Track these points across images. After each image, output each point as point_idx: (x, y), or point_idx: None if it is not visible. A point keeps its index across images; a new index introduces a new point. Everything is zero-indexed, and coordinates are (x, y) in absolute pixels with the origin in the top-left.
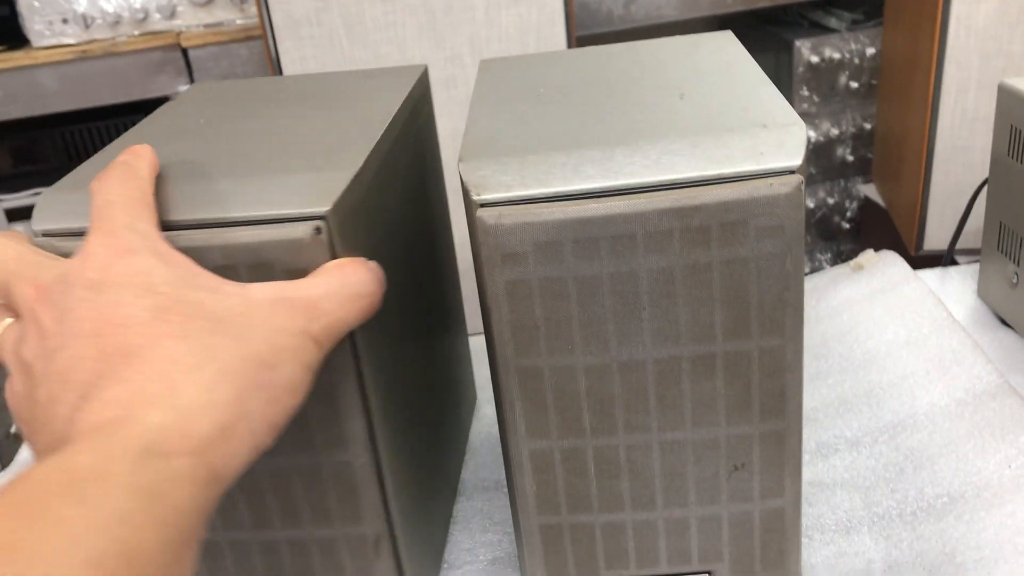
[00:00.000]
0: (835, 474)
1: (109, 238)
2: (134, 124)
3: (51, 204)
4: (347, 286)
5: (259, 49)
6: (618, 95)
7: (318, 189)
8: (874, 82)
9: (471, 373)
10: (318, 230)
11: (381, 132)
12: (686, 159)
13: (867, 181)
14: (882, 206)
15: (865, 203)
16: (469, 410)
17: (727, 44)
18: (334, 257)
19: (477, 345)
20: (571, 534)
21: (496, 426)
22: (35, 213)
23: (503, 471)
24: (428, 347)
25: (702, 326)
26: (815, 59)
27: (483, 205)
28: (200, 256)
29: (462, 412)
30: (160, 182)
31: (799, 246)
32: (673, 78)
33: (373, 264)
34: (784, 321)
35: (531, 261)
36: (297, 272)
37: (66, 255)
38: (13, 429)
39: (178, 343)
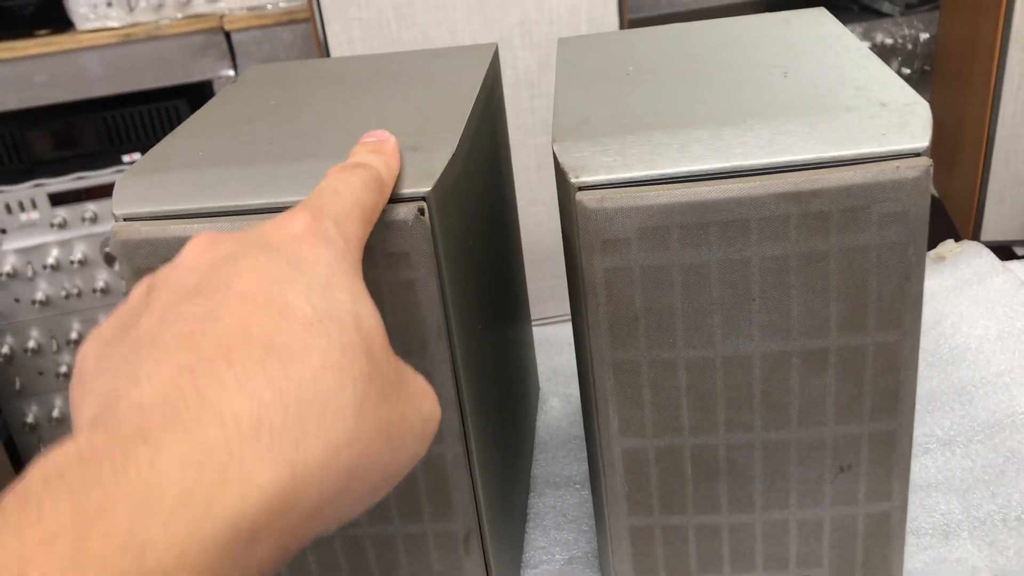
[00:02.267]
0: (928, 475)
1: (313, 220)
2: (176, 108)
3: (130, 188)
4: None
5: (302, 32)
6: (714, 74)
7: (418, 169)
8: (927, 68)
9: (536, 364)
10: (421, 211)
11: (469, 111)
12: (803, 140)
13: None
14: (935, 195)
15: None
16: (535, 403)
17: (823, 20)
18: (434, 239)
19: (539, 335)
20: (663, 536)
21: (563, 419)
22: (115, 199)
23: (573, 466)
24: (504, 337)
25: (815, 319)
26: (867, 44)
27: (582, 188)
28: None
29: (530, 405)
30: (247, 163)
31: (923, 235)
32: (770, 55)
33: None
34: (903, 315)
35: (633, 247)
36: (397, 256)
37: (153, 241)
38: (30, 419)
39: (327, 371)
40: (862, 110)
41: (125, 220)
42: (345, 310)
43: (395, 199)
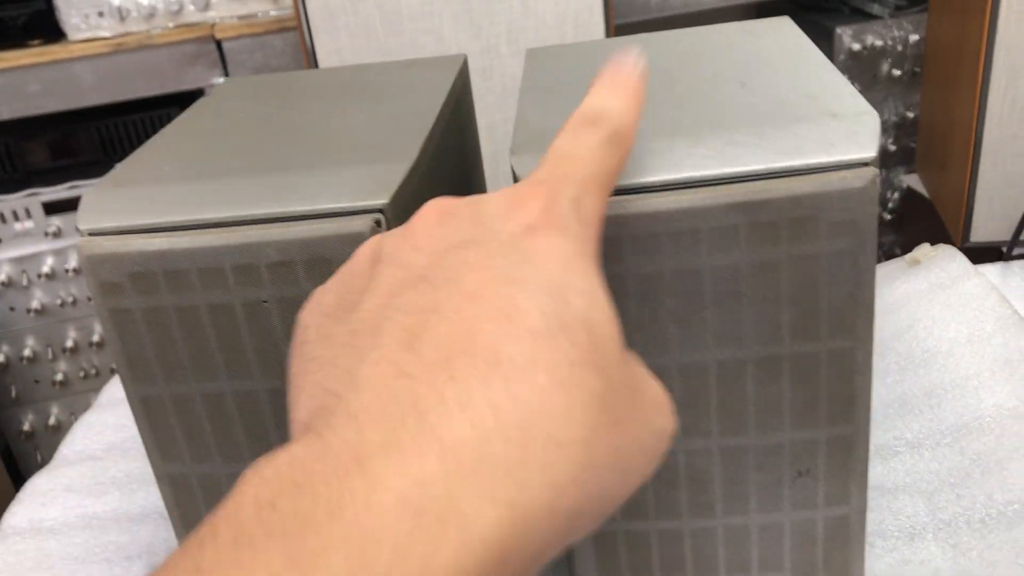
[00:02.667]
0: (896, 478)
1: (550, 202)
2: (169, 117)
3: (97, 203)
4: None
5: (293, 40)
6: (675, 84)
7: (375, 181)
8: (917, 70)
9: None
10: (378, 223)
11: (431, 123)
12: (752, 150)
13: (910, 171)
14: (926, 196)
15: (908, 193)
16: None
17: (786, 30)
18: None
19: None
20: (626, 541)
21: None
22: (80, 213)
23: None
24: None
25: (768, 327)
26: (856, 46)
27: None
28: (256, 252)
29: None
30: (212, 177)
31: (872, 243)
32: (732, 66)
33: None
34: (855, 322)
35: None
36: None
37: (118, 255)
38: (26, 427)
39: (554, 392)
40: (813, 120)
41: (90, 235)
42: (578, 317)
43: (352, 212)
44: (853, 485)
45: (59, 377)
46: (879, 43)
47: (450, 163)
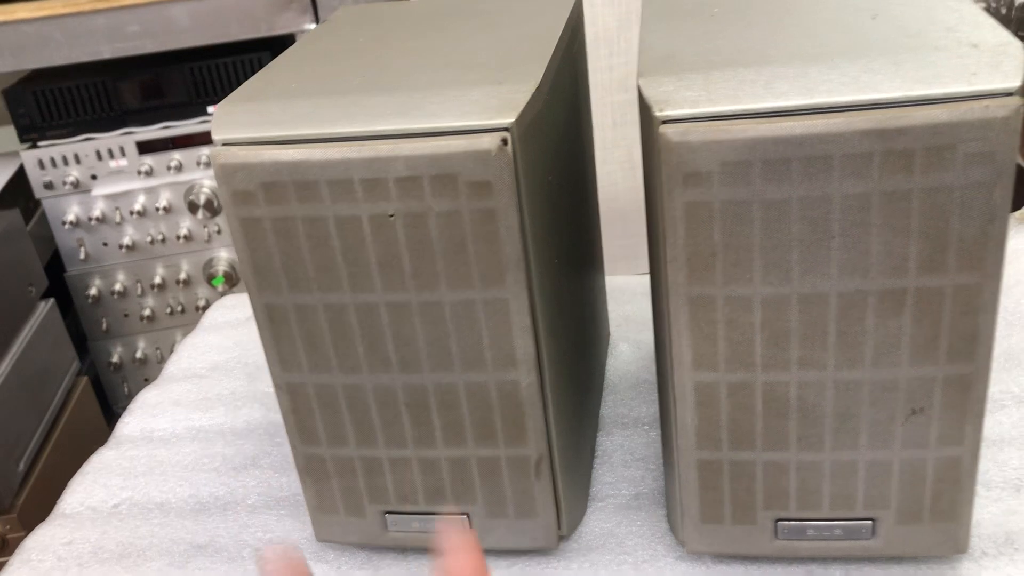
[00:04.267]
0: (1002, 430)
1: None
2: (260, 61)
3: (229, 116)
4: None
5: None
6: (801, 15)
7: (501, 101)
8: (1022, 34)
9: (607, 310)
10: (505, 141)
11: (552, 49)
12: (889, 78)
13: None
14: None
15: None
16: (605, 347)
17: None
18: (516, 170)
19: (611, 284)
20: (730, 471)
21: (632, 364)
22: (214, 125)
23: (642, 408)
24: (577, 278)
25: (895, 258)
26: None
27: (666, 121)
28: (384, 166)
29: (601, 348)
30: (340, 94)
31: (1009, 176)
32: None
33: None
34: (985, 257)
35: (715, 181)
36: (480, 185)
37: (250, 165)
38: (115, 359)
39: None
40: (951, 50)
41: (224, 145)
42: None
43: (479, 130)
44: (968, 426)
45: (147, 312)
46: (981, 5)
47: (567, 91)
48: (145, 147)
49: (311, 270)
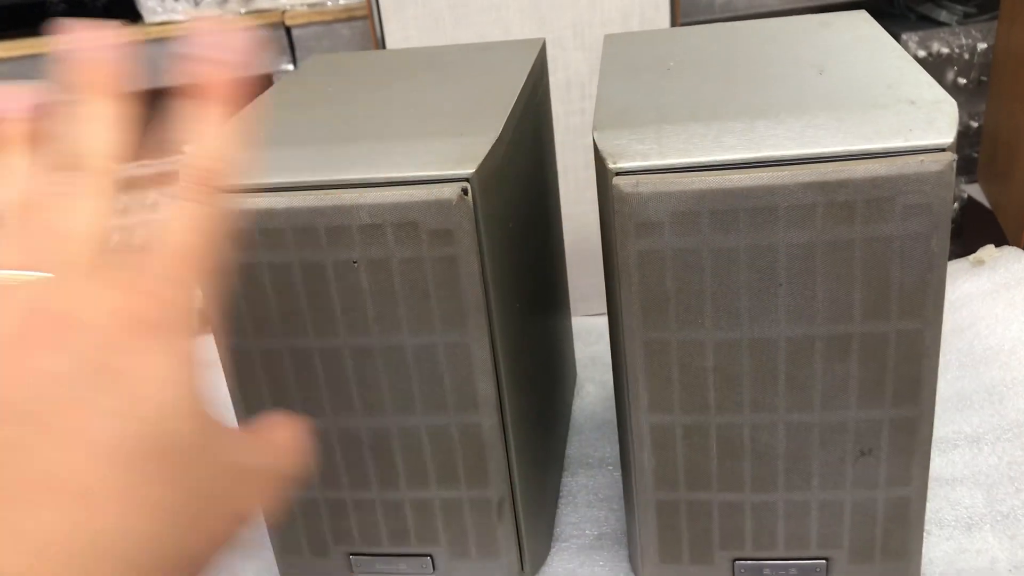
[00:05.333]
0: (954, 470)
1: (128, 301)
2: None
3: None
4: (277, 462)
5: (361, 29)
6: (752, 70)
7: (463, 152)
8: (984, 78)
9: (573, 351)
10: (465, 191)
11: (514, 100)
12: (831, 133)
13: (971, 181)
14: (987, 207)
15: (968, 203)
16: (571, 388)
17: (861, 22)
18: (476, 218)
19: (578, 325)
20: (688, 511)
21: (598, 404)
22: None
23: (606, 448)
24: (541, 321)
25: (840, 305)
26: (922, 53)
27: (619, 173)
28: (348, 215)
29: (566, 389)
30: (306, 144)
31: (946, 227)
32: (808, 54)
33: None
34: (925, 304)
35: (666, 231)
36: (441, 233)
37: None
38: None
39: (99, 463)
40: (891, 107)
41: None
42: (149, 426)
43: (440, 180)
44: (915, 467)
45: None
46: (945, 50)
47: (529, 140)
48: (120, 186)
49: (276, 315)
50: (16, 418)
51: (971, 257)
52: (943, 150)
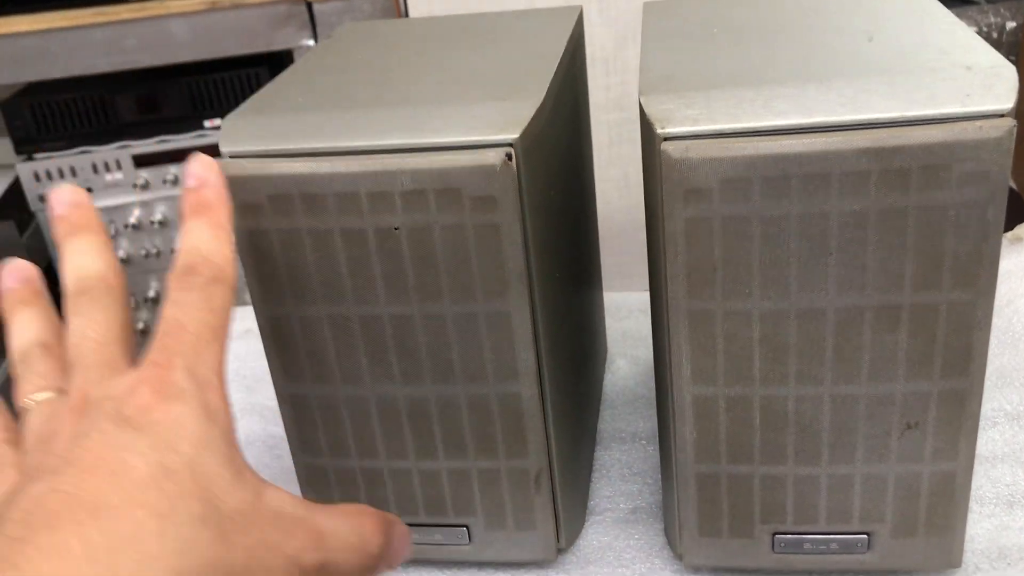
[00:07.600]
0: (994, 447)
1: (161, 383)
2: (257, 76)
3: (236, 128)
4: (358, 535)
5: (383, 4)
6: (799, 36)
7: (506, 117)
8: (1012, 58)
9: (605, 326)
10: (509, 157)
11: (555, 66)
12: (886, 98)
13: None
14: (1014, 189)
15: None
16: (603, 362)
17: None
18: (520, 185)
19: (608, 300)
20: (728, 484)
21: (630, 379)
22: (222, 137)
23: (639, 423)
24: (577, 293)
25: (890, 275)
26: None
27: (668, 139)
28: (389, 180)
29: (598, 363)
30: (347, 108)
31: (1003, 196)
32: (856, 21)
33: (392, 523)
34: (979, 275)
35: (715, 198)
36: (484, 200)
37: (257, 177)
38: None
39: (150, 520)
40: (946, 72)
41: (231, 157)
42: (183, 461)
43: (484, 145)
44: (962, 441)
45: (140, 326)
46: (973, 29)
47: (568, 109)
48: (141, 161)
49: (316, 282)
50: (62, 469)
51: (1009, 234)
52: (1003, 115)
